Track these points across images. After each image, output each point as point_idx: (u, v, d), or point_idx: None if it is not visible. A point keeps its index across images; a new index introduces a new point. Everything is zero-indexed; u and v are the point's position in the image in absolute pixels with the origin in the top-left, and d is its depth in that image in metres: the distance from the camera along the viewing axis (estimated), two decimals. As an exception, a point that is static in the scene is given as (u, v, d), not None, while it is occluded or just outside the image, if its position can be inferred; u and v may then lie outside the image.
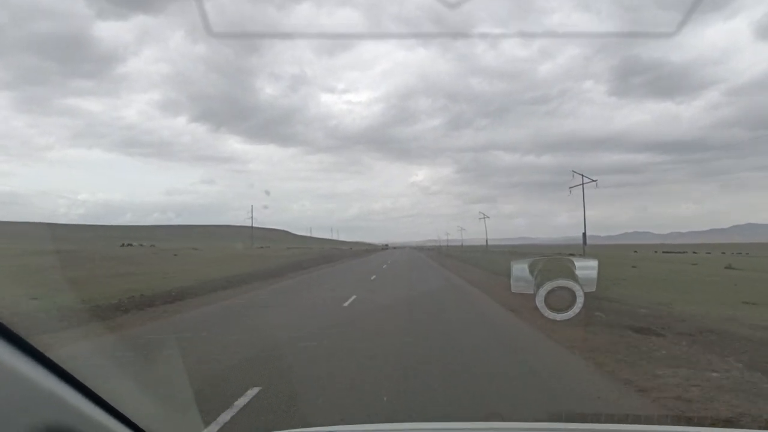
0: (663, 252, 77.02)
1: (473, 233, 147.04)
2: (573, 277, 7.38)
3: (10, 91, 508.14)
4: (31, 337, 1.23)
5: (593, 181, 55.08)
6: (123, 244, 77.41)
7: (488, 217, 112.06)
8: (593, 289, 7.90)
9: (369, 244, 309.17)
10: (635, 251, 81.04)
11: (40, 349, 1.24)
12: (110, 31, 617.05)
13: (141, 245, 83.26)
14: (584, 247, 53.65)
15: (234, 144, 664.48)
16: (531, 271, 8.57)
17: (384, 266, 44.00)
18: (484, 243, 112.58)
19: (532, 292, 8.53)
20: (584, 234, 53.34)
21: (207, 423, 5.37)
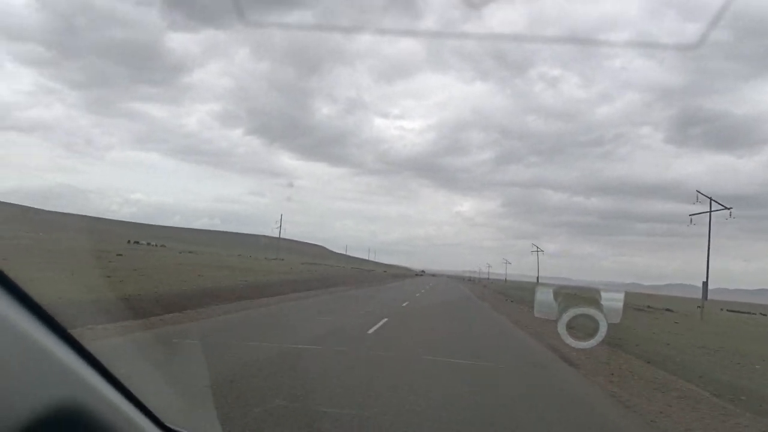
0: (727, 310, 69.37)
1: (514, 268, 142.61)
2: (598, 306, 7.33)
3: (81, 91, 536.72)
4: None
5: (727, 209, 39.34)
6: (129, 242, 74.97)
7: (542, 251, 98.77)
8: (617, 321, 7.82)
9: (405, 269, 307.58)
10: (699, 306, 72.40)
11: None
12: (180, 42, 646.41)
13: (148, 244, 79.16)
14: (702, 301, 40.31)
15: (286, 159, 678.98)
16: (555, 297, 8.54)
17: (404, 304, 28.00)
18: (527, 279, 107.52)
19: (554, 318, 8.50)
20: (705, 283, 39.80)
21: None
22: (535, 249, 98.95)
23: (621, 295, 6.72)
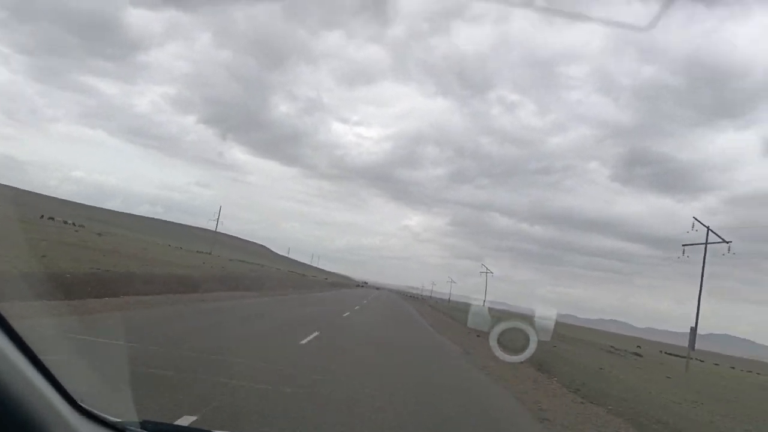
0: (665, 353, 67.71)
1: (458, 288, 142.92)
2: (530, 322, 7.26)
3: (29, 57, 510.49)
4: None
5: (726, 242, 35.37)
6: (42, 216, 69.51)
7: (492, 272, 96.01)
8: (548, 339, 7.81)
9: (347, 278, 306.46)
10: (638, 346, 69.77)
11: None
12: (140, 18, 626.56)
13: (65, 222, 72.37)
14: (689, 351, 34.39)
15: (238, 153, 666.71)
16: (489, 313, 8.47)
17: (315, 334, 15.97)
18: (470, 300, 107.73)
19: (486, 330, 8.42)
20: (693, 329, 34.05)
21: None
22: (484, 270, 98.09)
23: (554, 313, 6.66)
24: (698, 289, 34.48)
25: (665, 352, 63.54)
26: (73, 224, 71.59)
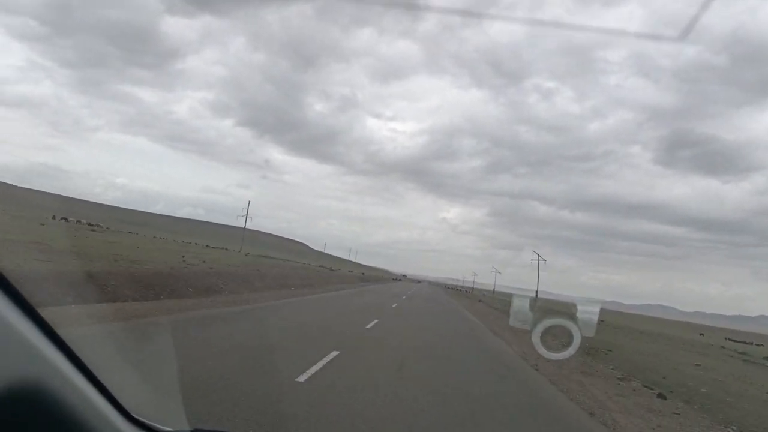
0: (725, 338, 60.45)
1: (498, 278, 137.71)
2: (573, 318, 7.09)
3: (72, 69, 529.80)
4: None
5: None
6: (53, 217, 68.58)
7: (545, 260, 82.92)
8: (592, 334, 7.60)
9: (385, 272, 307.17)
10: (701, 334, 62.55)
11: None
12: (176, 27, 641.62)
13: (78, 222, 69.65)
14: None
15: (275, 153, 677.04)
16: (531, 307, 8.29)
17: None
18: (512, 290, 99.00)
19: (529, 328, 8.27)
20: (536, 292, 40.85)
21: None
22: (535, 258, 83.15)
23: (597, 308, 6.49)
24: (748, 271, 32.99)
25: (729, 339, 56.08)
26: (90, 225, 68.64)
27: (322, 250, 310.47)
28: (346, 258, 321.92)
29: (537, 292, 75.22)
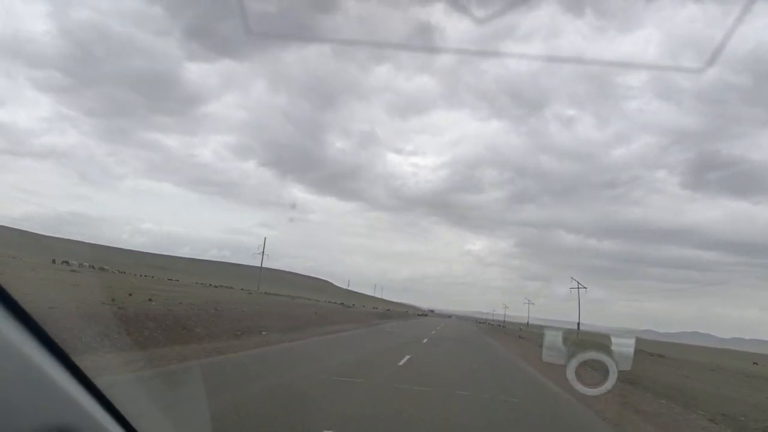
0: None
1: (524, 311, 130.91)
2: (608, 352, 7.01)
3: (97, 118, 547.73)
4: None
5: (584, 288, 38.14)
6: (53, 261, 69.22)
7: (585, 288, 73.77)
8: (628, 368, 7.45)
9: (413, 307, 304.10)
10: (755, 363, 55.35)
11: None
12: (197, 72, 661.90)
13: (81, 265, 66.80)
14: None
15: (297, 192, 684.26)
16: (564, 341, 8.21)
17: None
18: (543, 322, 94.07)
19: (563, 362, 8.15)
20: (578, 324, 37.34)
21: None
22: (576, 287, 74.10)
23: (632, 341, 6.43)
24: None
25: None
26: (93, 267, 66.41)
27: (347, 287, 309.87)
28: (371, 294, 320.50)
29: (579, 324, 64.80)
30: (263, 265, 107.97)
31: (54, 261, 66.61)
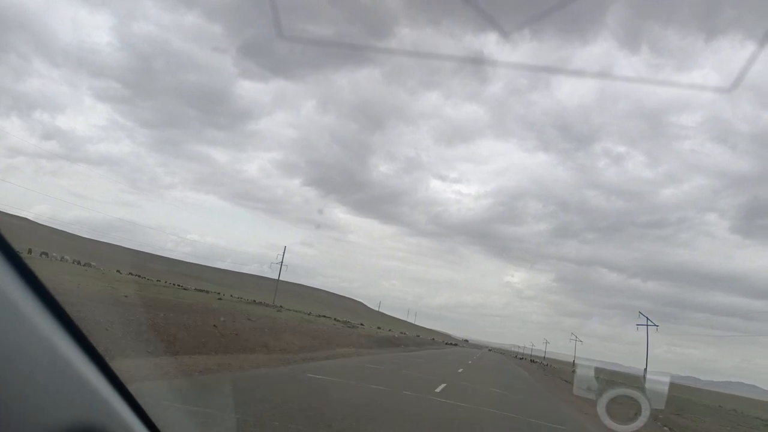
0: None
1: (559, 347, 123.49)
2: (641, 388, 6.82)
3: (151, 129, 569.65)
4: None
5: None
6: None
7: (656, 325, 62.23)
8: (662, 406, 7.20)
9: (446, 335, 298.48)
10: None
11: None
12: (250, 90, 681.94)
13: (62, 259, 67.80)
14: None
15: (339, 213, 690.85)
16: (596, 376, 8.02)
17: None
18: (586, 362, 78.67)
19: (594, 397, 7.97)
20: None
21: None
22: (646, 324, 59.55)
23: (667, 378, 6.28)
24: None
25: None
26: (79, 262, 67.08)
27: (377, 309, 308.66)
28: (403, 319, 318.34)
29: (646, 370, 51.35)
30: (296, 281, 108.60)
31: (80, 263, 69.15)
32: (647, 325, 56.02)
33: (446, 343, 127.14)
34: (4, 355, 1.04)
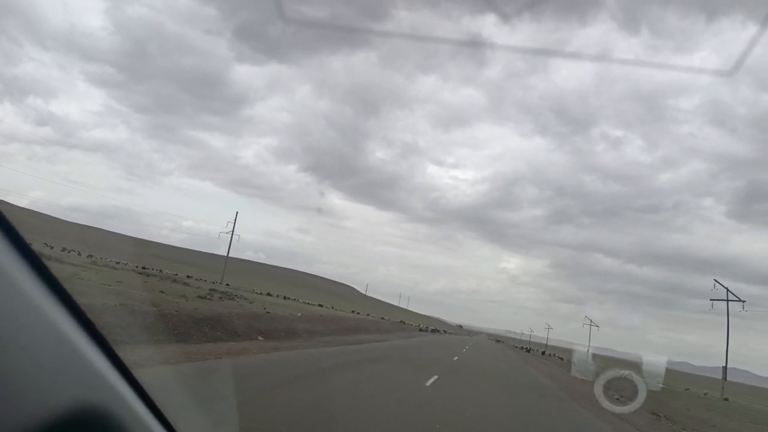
0: None
1: (560, 334, 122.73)
2: (638, 369, 6.88)
3: (146, 115, 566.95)
4: None
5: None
6: (63, 249, 70.73)
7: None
8: (659, 387, 7.28)
9: (441, 321, 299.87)
10: None
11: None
12: (245, 74, 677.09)
13: (90, 256, 69.00)
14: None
15: (335, 199, 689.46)
16: (594, 358, 8.08)
17: None
18: (572, 346, 77.04)
19: (591, 379, 8.04)
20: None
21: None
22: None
23: (664, 359, 6.32)
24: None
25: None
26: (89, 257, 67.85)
27: (367, 294, 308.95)
28: (395, 304, 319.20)
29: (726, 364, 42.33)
30: (295, 268, 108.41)
31: (64, 249, 69.13)
32: (727, 300, 41.65)
33: (420, 329, 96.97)
34: (10, 335, 1.06)
